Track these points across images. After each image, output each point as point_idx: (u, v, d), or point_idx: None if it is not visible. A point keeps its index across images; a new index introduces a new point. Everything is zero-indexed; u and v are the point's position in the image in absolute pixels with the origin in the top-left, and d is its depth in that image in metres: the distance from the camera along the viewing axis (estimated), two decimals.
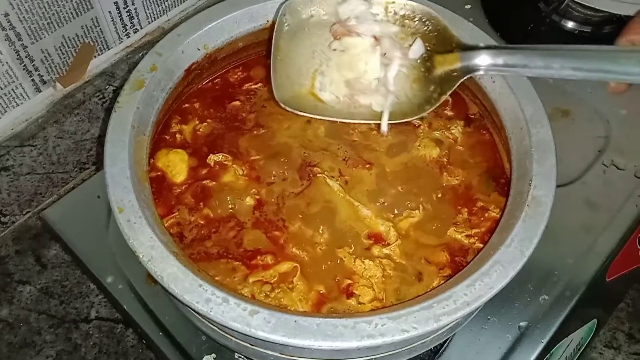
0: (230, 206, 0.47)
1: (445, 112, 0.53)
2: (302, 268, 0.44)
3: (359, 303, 0.43)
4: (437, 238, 0.46)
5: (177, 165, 0.48)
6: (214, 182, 0.48)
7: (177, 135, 0.51)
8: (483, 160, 0.50)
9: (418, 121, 0.52)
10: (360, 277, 0.44)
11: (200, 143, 0.51)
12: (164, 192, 0.47)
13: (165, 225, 0.44)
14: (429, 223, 0.47)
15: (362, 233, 0.46)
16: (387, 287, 0.44)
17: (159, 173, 0.48)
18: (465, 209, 0.47)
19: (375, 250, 0.45)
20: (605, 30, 0.73)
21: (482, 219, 0.47)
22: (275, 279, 0.43)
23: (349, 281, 0.44)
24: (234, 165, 0.49)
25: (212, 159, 0.49)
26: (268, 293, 0.42)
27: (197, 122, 0.52)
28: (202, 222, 0.46)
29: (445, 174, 0.49)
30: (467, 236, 0.46)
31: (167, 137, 0.51)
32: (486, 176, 0.49)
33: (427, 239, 0.46)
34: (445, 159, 0.50)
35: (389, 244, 0.45)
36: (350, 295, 0.43)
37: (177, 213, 0.46)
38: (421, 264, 0.45)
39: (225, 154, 0.49)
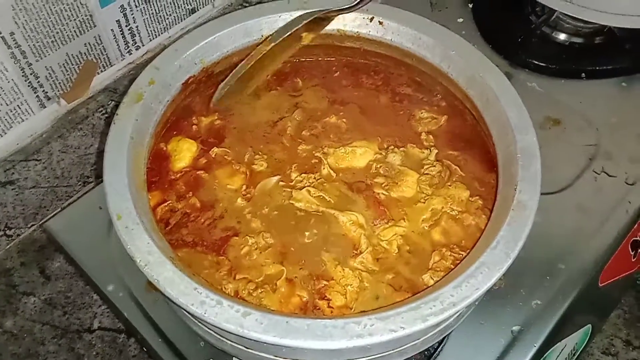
0: (214, 195, 0.49)
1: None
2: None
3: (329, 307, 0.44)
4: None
5: (182, 152, 0.51)
6: (207, 174, 0.50)
7: (194, 127, 0.54)
8: None
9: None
10: (337, 284, 0.45)
11: (213, 137, 0.53)
12: (163, 173, 0.50)
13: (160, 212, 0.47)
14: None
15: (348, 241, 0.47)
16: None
17: (164, 153, 0.51)
18: None
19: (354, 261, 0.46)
20: (596, 41, 0.75)
21: None
22: (260, 279, 0.45)
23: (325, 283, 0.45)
24: (233, 163, 0.51)
25: (215, 151, 0.52)
26: (251, 291, 0.43)
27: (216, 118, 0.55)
28: (187, 211, 0.48)
29: None
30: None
31: (186, 125, 0.54)
32: None
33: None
34: None
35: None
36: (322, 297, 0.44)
37: (169, 201, 0.48)
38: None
39: (226, 149, 0.52)
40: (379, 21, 0.55)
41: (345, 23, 0.55)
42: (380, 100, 0.58)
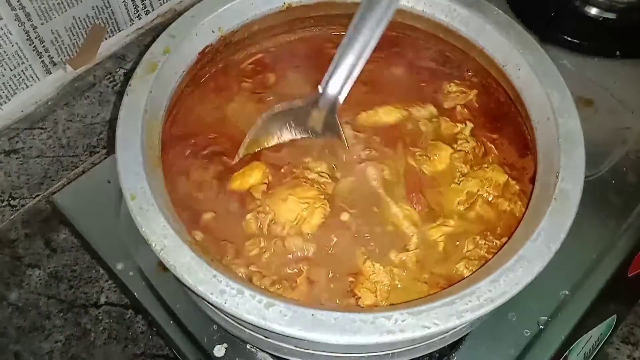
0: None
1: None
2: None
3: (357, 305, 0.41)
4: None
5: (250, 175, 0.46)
6: None
7: None
8: None
9: None
10: (366, 280, 0.42)
11: None
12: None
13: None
14: None
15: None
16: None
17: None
18: None
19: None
20: (632, 17, 0.71)
21: None
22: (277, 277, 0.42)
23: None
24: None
25: None
26: (267, 287, 0.41)
27: None
28: None
29: None
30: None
31: None
32: None
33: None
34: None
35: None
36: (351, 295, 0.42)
37: None
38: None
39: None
40: None
41: None
42: (397, 74, 0.54)
